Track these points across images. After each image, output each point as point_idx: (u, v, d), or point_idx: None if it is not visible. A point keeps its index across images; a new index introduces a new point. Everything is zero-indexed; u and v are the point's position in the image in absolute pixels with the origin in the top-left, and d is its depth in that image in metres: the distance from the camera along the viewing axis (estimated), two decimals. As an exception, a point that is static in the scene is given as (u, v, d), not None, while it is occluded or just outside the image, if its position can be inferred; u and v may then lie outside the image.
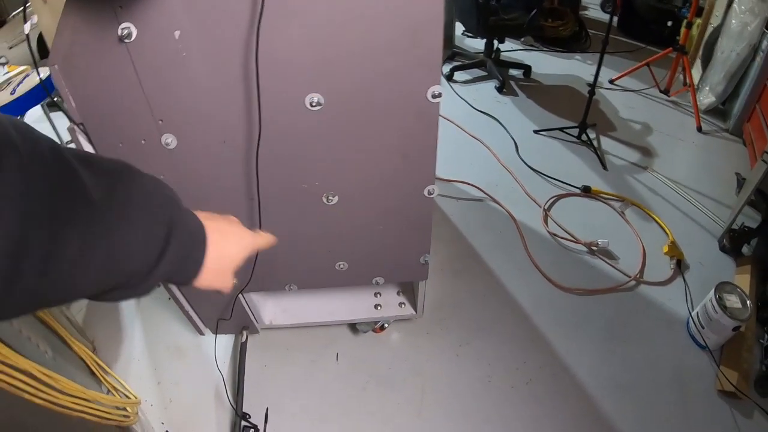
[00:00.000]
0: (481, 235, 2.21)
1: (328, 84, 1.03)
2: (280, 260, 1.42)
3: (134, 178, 0.50)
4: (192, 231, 0.57)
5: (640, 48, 3.80)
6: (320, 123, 1.08)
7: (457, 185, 2.48)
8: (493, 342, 1.78)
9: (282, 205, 1.25)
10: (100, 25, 0.92)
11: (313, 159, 1.16)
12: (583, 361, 1.73)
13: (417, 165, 1.18)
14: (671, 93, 3.23)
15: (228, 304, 1.56)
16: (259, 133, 1.07)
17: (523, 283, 1.99)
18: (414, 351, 1.75)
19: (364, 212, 1.30)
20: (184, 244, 0.54)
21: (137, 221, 0.48)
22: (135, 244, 0.47)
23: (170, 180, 1.16)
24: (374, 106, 1.07)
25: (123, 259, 0.46)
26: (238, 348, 1.72)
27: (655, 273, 2.04)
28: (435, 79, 1.03)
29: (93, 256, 0.43)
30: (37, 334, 1.28)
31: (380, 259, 1.46)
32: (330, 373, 1.70)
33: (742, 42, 2.66)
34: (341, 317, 1.74)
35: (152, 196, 0.51)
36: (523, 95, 3.27)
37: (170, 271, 0.53)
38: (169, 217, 0.52)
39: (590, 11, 4.44)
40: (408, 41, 0.97)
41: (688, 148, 2.80)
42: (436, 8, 0.93)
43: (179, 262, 0.54)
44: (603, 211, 2.36)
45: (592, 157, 2.66)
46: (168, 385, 1.70)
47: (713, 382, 1.66)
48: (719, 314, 1.65)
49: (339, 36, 0.96)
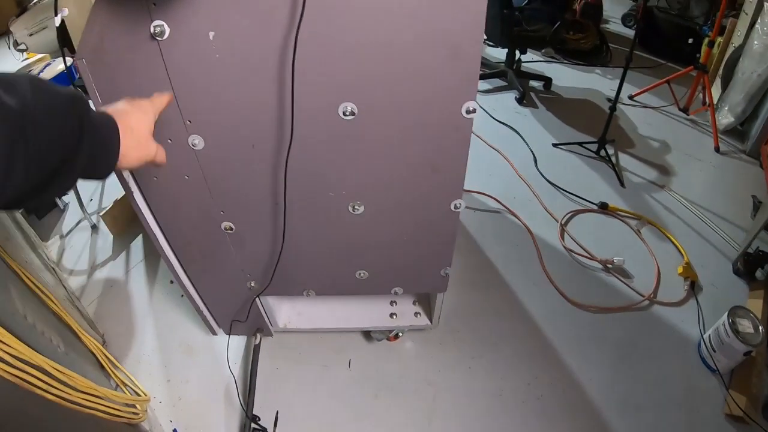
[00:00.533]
0: (498, 247, 2.20)
1: (362, 94, 1.02)
2: (300, 266, 1.41)
3: (42, 87, 0.56)
4: (100, 119, 0.67)
5: (661, 64, 3.78)
6: (352, 132, 1.08)
7: (475, 196, 2.47)
8: (505, 355, 1.77)
9: (307, 211, 1.24)
10: (133, 21, 0.91)
11: (342, 168, 1.15)
12: (594, 379, 1.72)
13: (446, 179, 1.18)
14: (690, 112, 3.22)
15: (244, 306, 1.56)
16: (290, 140, 1.06)
17: (538, 297, 1.98)
18: (427, 361, 1.74)
19: (389, 223, 1.29)
20: (97, 131, 0.65)
21: (51, 119, 0.55)
22: (53, 139, 0.56)
23: (194, 180, 1.17)
24: (407, 119, 1.06)
25: (44, 154, 0.54)
26: (250, 349, 1.72)
27: (668, 293, 2.03)
28: (471, 95, 1.02)
29: (17, 156, 0.50)
30: (50, 328, 1.28)
31: (401, 270, 1.45)
32: (342, 379, 1.70)
33: (763, 63, 2.64)
34: (356, 324, 1.73)
35: (60, 98, 0.58)
36: (542, 107, 3.26)
37: (91, 157, 0.63)
38: (79, 113, 0.60)
39: (611, 25, 4.42)
40: (447, 56, 0.96)
41: (706, 169, 2.78)
42: (477, 25, 0.92)
43: (97, 147, 0.65)
44: (619, 228, 2.35)
45: (610, 174, 2.65)
46: (178, 383, 1.69)
47: (721, 406, 1.65)
48: (731, 338, 1.64)
49: (377, 48, 0.95)
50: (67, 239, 2.21)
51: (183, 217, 1.28)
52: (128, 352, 1.78)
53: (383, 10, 0.90)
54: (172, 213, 1.27)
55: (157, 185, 1.19)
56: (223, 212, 1.25)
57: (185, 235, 1.34)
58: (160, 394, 1.66)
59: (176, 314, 1.88)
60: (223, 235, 1.31)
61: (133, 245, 2.17)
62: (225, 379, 1.67)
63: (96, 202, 2.39)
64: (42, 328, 1.22)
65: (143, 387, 1.62)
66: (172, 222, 1.30)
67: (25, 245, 1.63)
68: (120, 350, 1.77)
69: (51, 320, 1.36)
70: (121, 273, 2.05)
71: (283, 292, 1.52)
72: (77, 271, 2.06)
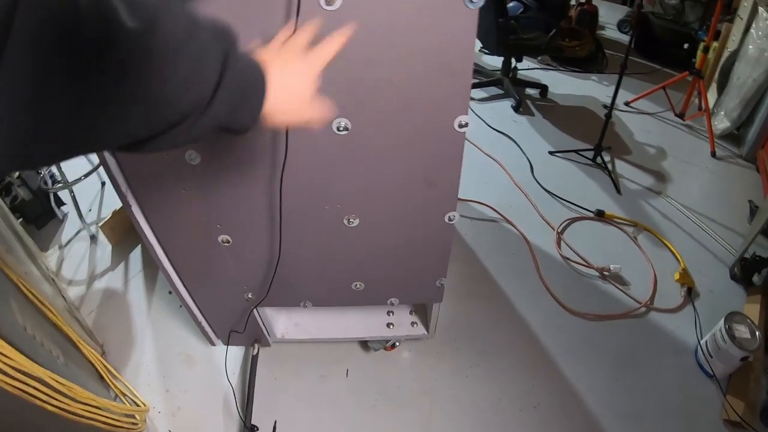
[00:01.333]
0: (495, 256, 2.21)
1: (356, 109, 1.03)
2: (297, 278, 1.43)
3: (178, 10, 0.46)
4: (247, 68, 0.56)
5: (656, 70, 3.80)
6: (346, 147, 1.09)
7: (472, 205, 2.48)
8: (503, 364, 1.78)
9: (303, 224, 1.25)
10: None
11: (337, 182, 1.17)
12: (592, 387, 1.72)
13: (440, 191, 1.19)
14: (686, 117, 3.23)
15: (242, 317, 1.57)
16: (285, 155, 1.07)
17: (535, 306, 1.99)
18: (424, 370, 1.75)
19: (384, 235, 1.30)
20: (239, 82, 0.53)
21: (185, 53, 0.45)
22: (184, 77, 0.45)
23: (191, 194, 1.18)
24: (401, 133, 1.08)
25: (172, 94, 0.45)
26: (248, 359, 1.73)
27: (665, 300, 2.04)
28: (463, 109, 1.04)
29: (135, 91, 0.41)
30: (50, 339, 1.29)
31: (397, 281, 1.46)
32: (340, 388, 1.70)
33: (759, 68, 2.66)
34: (353, 334, 1.74)
35: (200, 28, 0.48)
36: (539, 115, 3.27)
37: (227, 111, 0.52)
38: (223, 52, 0.50)
39: (607, 31, 4.44)
40: (439, 71, 0.97)
41: (702, 174, 2.80)
42: (468, 41, 0.94)
43: (236, 102, 0.53)
44: (616, 235, 2.36)
45: (607, 181, 2.66)
46: (176, 392, 1.70)
47: (719, 412, 1.66)
48: (728, 344, 1.65)
49: (370, 64, 0.96)
50: (66, 249, 2.22)
51: (180, 230, 1.29)
52: (127, 362, 1.78)
53: (375, 27, 0.91)
54: (169, 226, 1.29)
55: (155, 199, 1.21)
56: (219, 225, 1.26)
57: (183, 248, 1.35)
58: (159, 404, 1.66)
59: (175, 324, 1.89)
60: (220, 248, 1.32)
61: (132, 255, 2.18)
62: (224, 389, 1.68)
63: (95, 212, 2.40)
64: (42, 339, 1.23)
65: (142, 397, 1.62)
66: (169, 235, 1.31)
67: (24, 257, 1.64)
68: (119, 360, 1.78)
69: (50, 331, 1.37)
70: (120, 283, 2.06)
71: (280, 303, 1.53)
72: (76, 281, 2.07)
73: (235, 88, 0.52)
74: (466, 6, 0.88)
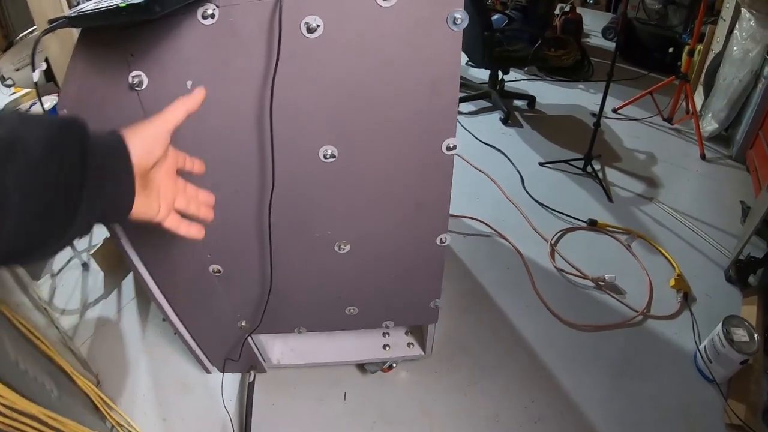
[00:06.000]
0: (489, 271, 2.20)
1: (342, 136, 1.03)
2: (290, 305, 1.42)
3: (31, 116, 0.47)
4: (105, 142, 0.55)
5: (642, 75, 3.83)
6: (334, 174, 1.09)
7: (464, 220, 2.48)
8: (501, 380, 1.77)
9: (294, 252, 1.25)
10: (111, 72, 0.92)
11: (326, 209, 1.16)
12: (592, 398, 1.71)
13: (430, 214, 1.18)
14: (674, 121, 3.26)
15: (236, 344, 1.56)
16: (272, 185, 1.07)
17: (531, 320, 1.98)
18: (422, 390, 1.74)
19: (376, 260, 1.29)
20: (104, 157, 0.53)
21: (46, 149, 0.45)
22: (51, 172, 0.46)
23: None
24: (389, 158, 1.07)
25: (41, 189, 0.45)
26: (245, 386, 1.71)
27: (662, 307, 2.03)
28: (451, 132, 1.03)
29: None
30: (43, 373, 1.27)
31: (390, 305, 1.45)
32: (338, 411, 1.69)
33: (744, 68, 2.68)
34: (349, 357, 1.73)
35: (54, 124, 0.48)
36: (527, 126, 3.28)
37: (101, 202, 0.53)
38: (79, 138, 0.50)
39: (592, 39, 4.48)
40: (424, 95, 0.97)
41: (693, 177, 2.81)
42: (453, 63, 0.94)
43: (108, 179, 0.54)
44: (609, 244, 2.36)
45: (598, 189, 2.67)
46: (174, 421, 1.68)
47: (721, 416, 1.65)
48: (727, 348, 1.65)
49: (355, 90, 0.96)
50: (58, 277, 2.20)
51: (170, 261, 1.28)
52: (123, 392, 1.76)
53: (357, 55, 0.91)
54: (159, 257, 1.27)
55: (143, 231, 1.19)
56: (210, 255, 1.25)
57: (173, 278, 1.34)
58: (156, 433, 1.64)
59: (170, 352, 1.87)
60: (211, 277, 1.31)
61: (125, 283, 2.16)
62: (221, 417, 1.66)
63: (86, 239, 2.38)
64: (35, 374, 1.21)
65: (139, 427, 1.60)
66: (159, 265, 1.30)
67: (15, 287, 1.62)
68: (115, 390, 1.75)
69: (44, 364, 1.35)
70: (113, 311, 2.04)
71: (274, 330, 1.52)
72: (69, 310, 2.05)
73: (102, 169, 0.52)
74: (449, 29, 0.88)
